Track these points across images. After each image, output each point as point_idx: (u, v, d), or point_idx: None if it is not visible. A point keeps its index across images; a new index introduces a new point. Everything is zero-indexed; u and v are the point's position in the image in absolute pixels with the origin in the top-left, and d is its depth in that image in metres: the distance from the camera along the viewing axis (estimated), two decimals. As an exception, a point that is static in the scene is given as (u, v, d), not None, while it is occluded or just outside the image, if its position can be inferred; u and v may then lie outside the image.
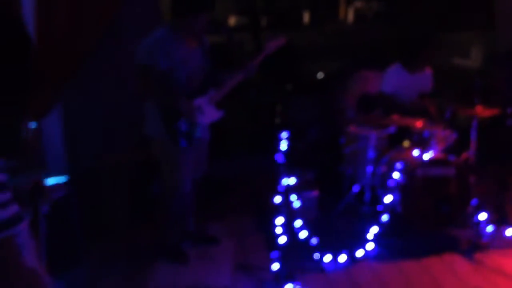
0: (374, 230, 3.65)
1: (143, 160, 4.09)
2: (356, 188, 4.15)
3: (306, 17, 20.29)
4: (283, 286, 3.12)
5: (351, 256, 3.54)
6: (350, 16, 20.38)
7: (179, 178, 3.37)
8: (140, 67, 3.16)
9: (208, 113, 3.36)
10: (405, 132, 4.09)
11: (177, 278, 3.39)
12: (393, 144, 4.14)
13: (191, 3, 3.16)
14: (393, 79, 4.32)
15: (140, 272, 3.47)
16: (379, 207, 3.91)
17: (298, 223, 3.54)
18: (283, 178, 3.45)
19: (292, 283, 3.11)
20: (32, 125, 2.58)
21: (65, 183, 1.89)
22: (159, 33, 3.19)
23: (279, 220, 3.34)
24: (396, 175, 3.72)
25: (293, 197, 3.66)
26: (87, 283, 3.17)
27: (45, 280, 1.18)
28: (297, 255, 3.51)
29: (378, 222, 3.72)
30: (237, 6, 17.05)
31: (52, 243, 1.60)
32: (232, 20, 18.31)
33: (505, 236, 3.73)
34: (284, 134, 3.59)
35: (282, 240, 3.31)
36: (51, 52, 3.28)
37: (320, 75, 7.44)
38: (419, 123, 3.95)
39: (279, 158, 3.74)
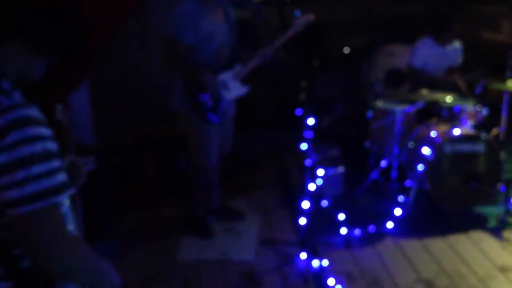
0: (400, 207, 3.62)
1: (170, 135, 4.11)
2: (382, 165, 4.10)
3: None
4: (309, 261, 3.13)
5: (377, 233, 3.53)
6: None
7: (205, 153, 3.38)
8: (166, 41, 3.15)
9: (233, 88, 3.35)
10: (434, 107, 4.02)
11: (202, 252, 3.43)
12: (421, 119, 4.07)
13: None
14: (422, 53, 4.23)
15: (167, 245, 3.52)
16: (405, 184, 3.87)
17: (323, 198, 3.52)
18: (309, 153, 3.43)
19: (318, 258, 3.12)
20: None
21: (94, 158, 1.92)
22: (185, 7, 3.16)
23: (305, 195, 3.33)
24: (424, 151, 3.66)
25: (319, 173, 3.65)
26: (116, 255, 3.23)
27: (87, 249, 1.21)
28: (322, 231, 3.51)
29: (404, 198, 3.69)
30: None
31: (82, 216, 1.62)
32: (256, -6, 18.14)
33: (536, 214, 3.66)
34: (311, 110, 3.56)
35: (308, 215, 3.31)
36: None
37: (346, 50, 7.33)
38: (448, 98, 3.87)
39: (305, 134, 3.72)
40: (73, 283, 1.20)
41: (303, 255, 3.22)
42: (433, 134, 3.76)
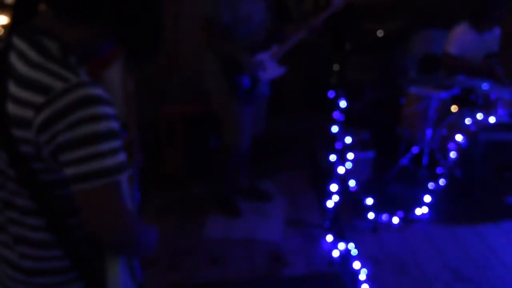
0: (430, 194, 3.58)
1: (201, 113, 4.13)
2: (413, 151, 4.05)
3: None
4: (335, 244, 3.13)
5: (405, 218, 3.51)
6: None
7: (238, 134, 3.39)
8: (203, 20, 3.15)
9: (270, 69, 3.34)
10: (469, 94, 3.93)
11: (229, 230, 3.47)
12: (456, 106, 3.99)
13: None
14: (460, 39, 4.12)
15: (195, 222, 3.57)
16: (436, 171, 3.82)
17: (352, 182, 3.51)
18: (339, 137, 3.41)
19: (344, 241, 3.12)
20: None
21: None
22: None
23: (333, 178, 3.32)
24: (457, 138, 3.60)
25: (349, 156, 3.63)
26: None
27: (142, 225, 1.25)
28: (349, 214, 3.51)
29: (435, 186, 3.64)
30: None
31: (140, 192, 1.68)
32: (290, -25, 17.94)
33: None
34: (342, 93, 3.53)
35: (335, 198, 3.31)
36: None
37: (380, 33, 7.21)
38: (485, 85, 3.78)
39: (336, 117, 3.70)
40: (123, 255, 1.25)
41: (329, 238, 3.23)
42: (467, 121, 3.68)
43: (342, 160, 3.52)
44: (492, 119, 3.58)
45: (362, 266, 2.93)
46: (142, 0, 1.19)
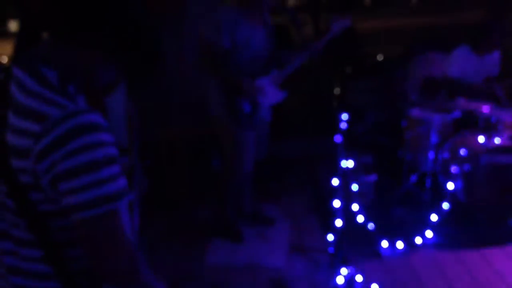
0: (434, 217, 3.55)
1: (204, 136, 4.14)
2: (416, 174, 4.04)
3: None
4: (338, 270, 3.10)
5: (410, 243, 3.47)
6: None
7: (240, 158, 3.38)
8: (204, 45, 3.17)
9: (270, 94, 3.35)
10: (470, 117, 3.94)
11: (232, 255, 3.44)
12: (458, 129, 3.99)
13: None
14: (460, 62, 4.15)
15: (197, 246, 3.54)
16: (440, 194, 3.80)
17: (355, 207, 3.49)
18: (341, 160, 3.40)
19: (347, 267, 3.09)
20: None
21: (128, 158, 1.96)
22: (224, 12, 3.19)
23: (336, 203, 3.30)
24: (460, 161, 3.59)
25: (351, 180, 3.62)
26: (147, 253, 3.27)
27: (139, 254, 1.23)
28: (353, 240, 3.47)
29: (438, 209, 3.62)
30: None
31: (139, 218, 1.67)
32: (291, 1, 18.16)
33: None
34: (344, 117, 3.53)
35: (338, 223, 3.28)
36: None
37: (380, 57, 7.27)
38: (485, 108, 3.79)
39: (338, 141, 3.69)
40: None
41: (333, 263, 3.19)
42: (469, 144, 3.68)
43: (345, 184, 3.50)
44: (493, 142, 3.57)
45: (367, 292, 2.89)
46: (140, 25, 1.19)
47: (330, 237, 3.37)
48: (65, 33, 1.14)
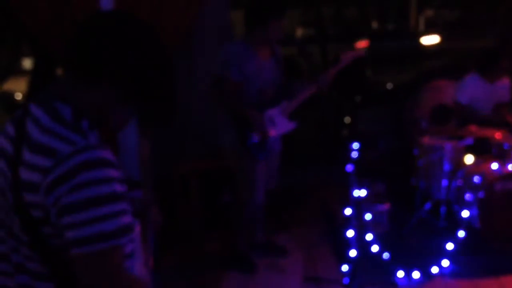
0: (450, 246, 3.50)
1: (214, 169, 4.15)
2: (430, 202, 4.00)
3: (374, 25, 19.94)
4: (354, 301, 3.05)
5: (426, 273, 3.42)
6: (421, 25, 19.85)
7: (251, 189, 3.39)
8: (214, 79, 3.22)
9: (280, 124, 3.37)
10: (483, 144, 3.92)
11: (245, 287, 3.40)
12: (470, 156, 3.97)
13: (261, 12, 3.19)
14: (470, 89, 4.16)
15: (211, 278, 3.51)
16: (455, 222, 3.75)
17: (369, 236, 3.45)
18: (353, 189, 3.39)
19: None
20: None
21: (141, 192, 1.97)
22: (232, 46, 3.26)
23: (350, 232, 3.28)
24: (474, 188, 3.56)
25: (364, 210, 3.59)
26: (161, 286, 3.24)
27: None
28: (368, 270, 3.42)
29: (454, 238, 3.57)
30: (303, 17, 17.04)
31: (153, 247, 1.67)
32: (298, 32, 18.33)
33: None
34: (355, 145, 3.54)
35: (353, 253, 3.25)
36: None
37: (389, 85, 7.30)
38: (498, 135, 3.77)
39: (350, 169, 3.69)
40: None
41: (349, 294, 3.14)
42: (483, 171, 3.65)
43: (358, 213, 3.48)
44: (510, 167, 3.54)
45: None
46: (155, 66, 1.21)
47: (345, 267, 3.33)
48: (77, 69, 1.17)
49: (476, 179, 3.64)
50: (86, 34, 1.17)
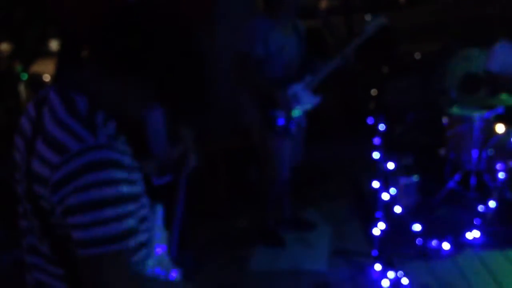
0: (480, 216, 3.46)
1: (241, 147, 4.17)
2: (460, 173, 3.94)
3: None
4: (384, 273, 3.06)
5: (456, 243, 3.39)
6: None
7: (277, 166, 3.40)
8: (237, 56, 3.21)
9: (305, 100, 3.34)
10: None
11: (274, 262, 3.45)
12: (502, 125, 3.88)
13: None
14: (500, 57, 4.05)
15: (239, 255, 3.56)
16: (485, 193, 3.70)
17: (397, 208, 3.44)
18: (381, 162, 3.36)
19: (393, 269, 3.04)
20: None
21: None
22: (256, 22, 3.22)
23: (378, 205, 3.26)
24: (504, 158, 3.49)
25: (392, 182, 3.57)
26: (194, 265, 3.31)
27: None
28: (397, 242, 3.42)
29: (484, 208, 3.52)
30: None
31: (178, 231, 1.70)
32: (323, 4, 18.02)
33: None
34: (382, 117, 3.50)
35: (381, 225, 3.24)
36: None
37: (417, 55, 7.15)
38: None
39: (377, 142, 3.66)
40: None
41: (378, 266, 3.15)
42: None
43: (386, 186, 3.46)
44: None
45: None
46: (185, 60, 1.18)
47: (373, 239, 3.33)
48: (101, 54, 1.16)
49: (507, 148, 3.56)
50: (114, 28, 1.14)
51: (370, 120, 4.54)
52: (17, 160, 1.21)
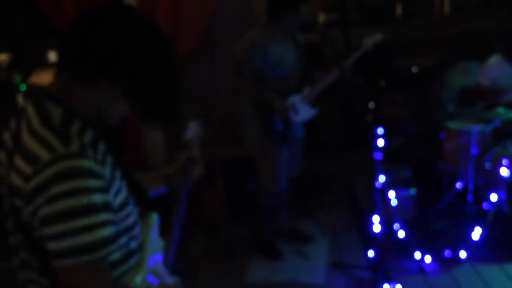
0: (478, 230, 3.46)
1: (239, 157, 4.16)
2: (457, 186, 3.95)
3: (399, 9, 19.57)
4: (381, 286, 3.04)
5: (453, 257, 3.38)
6: (446, 7, 19.44)
7: (274, 176, 3.40)
8: (236, 66, 3.22)
9: (302, 111, 3.36)
10: (511, 127, 3.83)
11: (272, 274, 3.43)
12: (498, 139, 3.89)
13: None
14: (494, 71, 4.06)
15: (236, 266, 3.54)
16: (483, 207, 3.70)
17: (395, 221, 3.43)
18: (379, 175, 3.36)
19: (390, 283, 3.03)
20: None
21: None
22: (255, 33, 3.24)
23: (376, 218, 3.26)
24: (502, 172, 3.50)
25: (390, 195, 3.57)
26: (188, 276, 3.29)
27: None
28: (394, 255, 3.41)
29: (482, 222, 3.52)
30: (326, 2, 16.81)
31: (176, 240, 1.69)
32: (321, 17, 18.12)
33: None
34: (380, 131, 3.50)
35: (379, 239, 3.24)
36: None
37: (415, 69, 7.18)
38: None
39: (375, 155, 3.66)
40: None
41: (375, 279, 3.14)
42: (511, 154, 3.58)
43: (383, 199, 3.46)
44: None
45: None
46: (158, 64, 1.18)
47: (371, 253, 3.32)
48: (79, 70, 1.15)
49: (504, 162, 3.57)
50: (85, 30, 1.14)
51: (367, 133, 4.54)
52: (2, 174, 1.20)
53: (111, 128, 1.24)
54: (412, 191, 3.97)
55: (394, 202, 3.51)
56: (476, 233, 3.45)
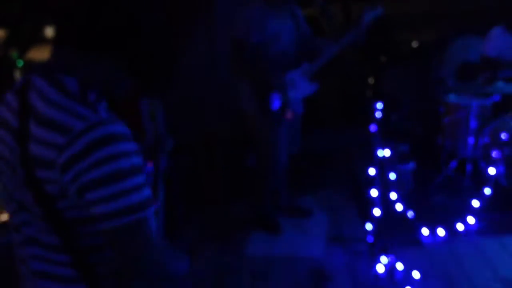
0: (476, 203, 3.49)
1: (238, 134, 4.17)
2: (456, 161, 3.96)
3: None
4: (378, 259, 3.08)
5: (451, 230, 3.42)
6: (447, -19, 19.21)
7: (274, 153, 3.40)
8: (234, 42, 3.20)
9: (301, 87, 3.35)
10: (510, 101, 3.83)
11: (271, 248, 3.47)
12: (497, 113, 3.89)
13: None
14: (497, 43, 4.04)
15: (236, 240, 3.58)
16: (481, 180, 3.72)
17: (393, 195, 3.45)
18: (377, 150, 3.37)
19: (387, 255, 3.06)
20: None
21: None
22: (252, 8, 3.21)
23: (374, 192, 3.28)
24: (500, 145, 3.51)
25: (388, 169, 3.58)
26: (188, 250, 3.33)
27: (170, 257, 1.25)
28: (392, 228, 3.44)
29: (480, 195, 3.54)
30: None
31: (163, 217, 1.70)
32: (321, -8, 17.92)
33: None
34: (379, 105, 3.50)
35: (377, 212, 3.26)
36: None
37: (415, 43, 7.13)
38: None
39: (373, 130, 3.66)
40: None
41: (374, 252, 3.17)
42: (509, 128, 3.59)
43: (382, 173, 3.47)
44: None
45: (409, 280, 2.87)
46: (155, 34, 1.19)
47: (369, 226, 3.35)
48: (85, 43, 1.14)
49: (503, 136, 3.58)
50: (93, 3, 1.12)
51: (367, 108, 4.54)
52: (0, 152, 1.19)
53: (115, 102, 1.25)
54: (410, 165, 3.98)
55: (392, 176, 3.52)
56: (474, 206, 3.48)
